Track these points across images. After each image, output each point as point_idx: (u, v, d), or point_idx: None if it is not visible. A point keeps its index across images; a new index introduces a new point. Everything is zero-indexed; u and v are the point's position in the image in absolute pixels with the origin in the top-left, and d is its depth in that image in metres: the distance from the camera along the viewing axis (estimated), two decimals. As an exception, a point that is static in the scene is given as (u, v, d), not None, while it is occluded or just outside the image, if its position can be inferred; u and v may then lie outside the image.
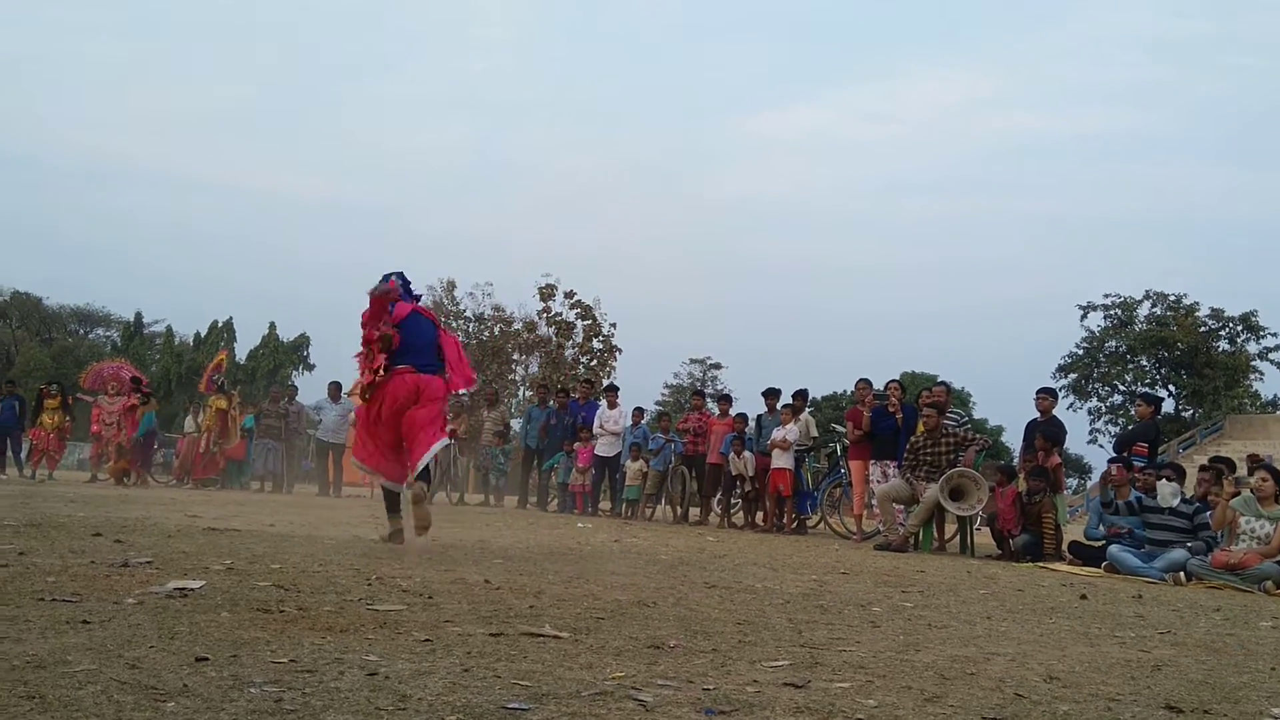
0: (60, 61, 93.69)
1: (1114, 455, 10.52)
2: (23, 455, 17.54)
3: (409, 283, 7.15)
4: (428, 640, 3.23)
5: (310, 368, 57.47)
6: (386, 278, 6.99)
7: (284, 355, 56.53)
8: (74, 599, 3.63)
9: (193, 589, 3.99)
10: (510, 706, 2.44)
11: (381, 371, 6.66)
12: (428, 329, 7.00)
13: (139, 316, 59.31)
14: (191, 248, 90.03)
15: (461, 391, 7.46)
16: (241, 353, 55.47)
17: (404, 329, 6.80)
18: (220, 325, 57.22)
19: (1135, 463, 9.74)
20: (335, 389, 17.34)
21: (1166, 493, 8.84)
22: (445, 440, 7.07)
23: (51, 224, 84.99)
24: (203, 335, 56.72)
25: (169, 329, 58.29)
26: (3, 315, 57.38)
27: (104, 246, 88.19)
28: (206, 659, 2.76)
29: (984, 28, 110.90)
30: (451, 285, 37.64)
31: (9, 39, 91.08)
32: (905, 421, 11.24)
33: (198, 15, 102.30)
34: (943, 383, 12.15)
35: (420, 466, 6.65)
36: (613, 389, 15.93)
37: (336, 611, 3.70)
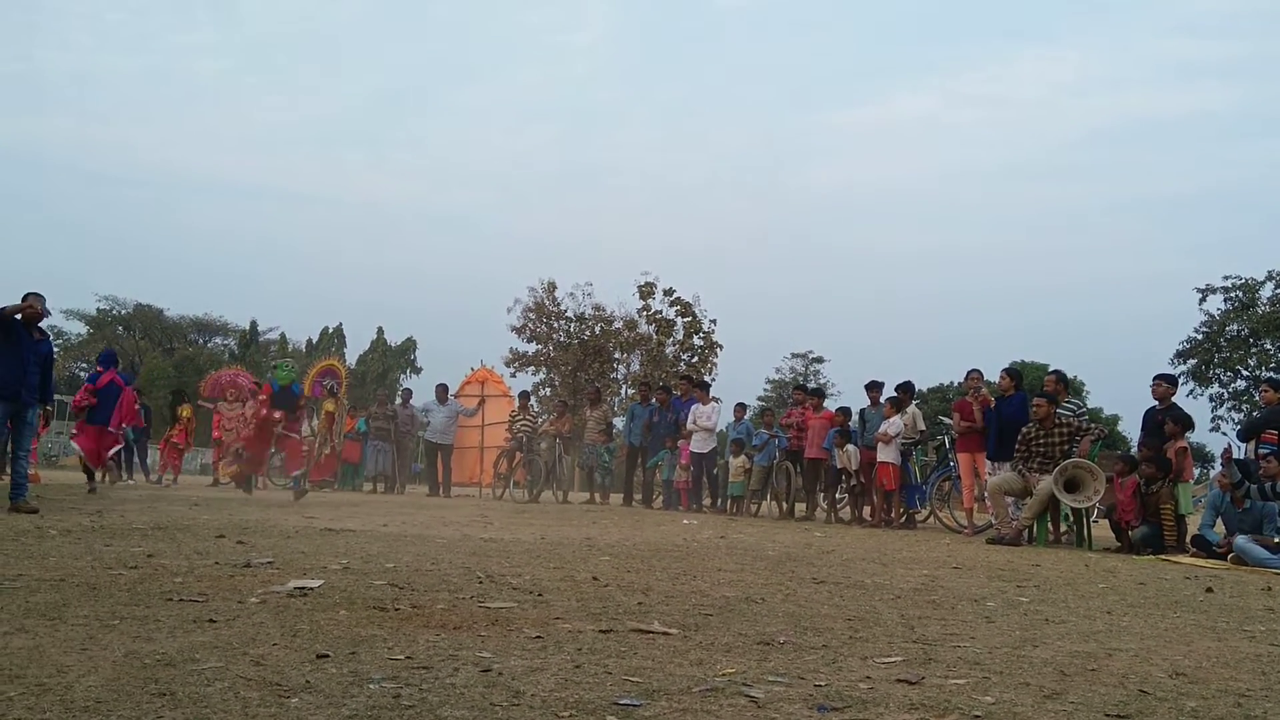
0: (157, 81, 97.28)
1: (1244, 442, 10.16)
2: (149, 461, 18.28)
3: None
4: (539, 637, 3.27)
5: (418, 370, 58.71)
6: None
7: (392, 359, 57.83)
8: (200, 599, 3.76)
9: (312, 588, 4.10)
10: (622, 703, 2.46)
11: None
12: None
13: (254, 325, 61.25)
14: (303, 259, 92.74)
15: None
16: (352, 357, 56.90)
17: None
18: (331, 331, 58.78)
19: (1263, 450, 9.36)
20: (442, 391, 17.66)
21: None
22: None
23: (165, 240, 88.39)
24: (314, 341, 58.30)
25: (282, 336, 60.09)
26: (127, 327, 59.78)
27: (216, 260, 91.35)
28: (327, 656, 2.84)
29: (1075, 12, 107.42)
30: (552, 286, 37.99)
31: (114, 62, 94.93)
32: (1013, 410, 10.97)
33: (289, 32, 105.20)
34: (1055, 371, 11.80)
35: None
36: (703, 385, 15.92)
37: (449, 609, 3.76)
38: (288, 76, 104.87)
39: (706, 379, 27.00)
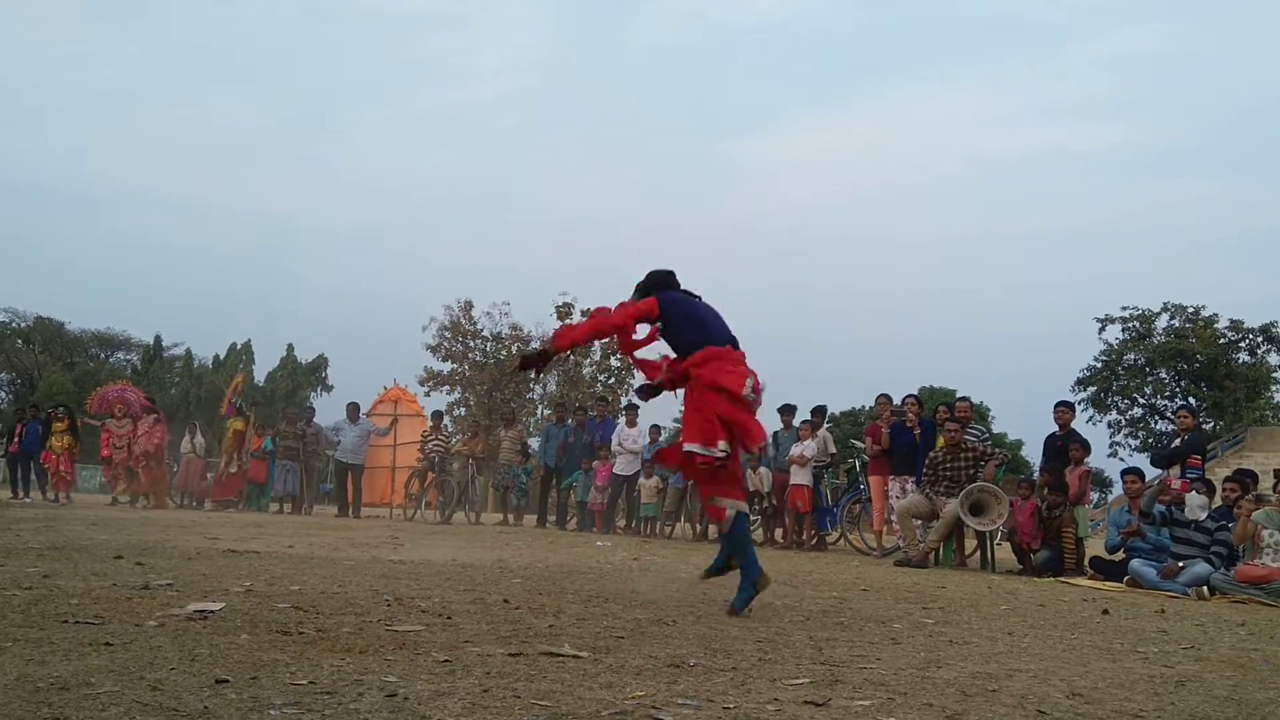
0: (69, 91, 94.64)
1: (1161, 468, 10.37)
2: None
3: None
4: (447, 661, 3.24)
5: (329, 389, 57.70)
6: None
7: (302, 376, 56.76)
8: (96, 621, 3.65)
9: (213, 611, 4.01)
10: (530, 727, 2.44)
11: None
12: None
13: (158, 340, 59.68)
14: (210, 272, 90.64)
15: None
16: (260, 374, 55.73)
17: None
18: (239, 347, 57.52)
19: (1191, 475, 9.59)
20: (354, 410, 17.40)
21: (1195, 505, 8.76)
22: None
23: (70, 251, 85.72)
24: (222, 358, 57.01)
25: (188, 352, 58.62)
26: (26, 340, 57.81)
27: (122, 272, 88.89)
28: (227, 681, 2.77)
29: (997, 47, 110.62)
30: (469, 305, 37.78)
31: (20, 70, 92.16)
32: (924, 437, 11.21)
33: (213, 45, 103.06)
34: (964, 398, 12.09)
35: None
36: (632, 408, 15.93)
37: (355, 633, 3.71)
38: (194, 90, 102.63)
39: (624, 401, 27.04)
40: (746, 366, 5.04)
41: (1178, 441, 10.49)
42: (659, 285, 5.29)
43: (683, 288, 5.37)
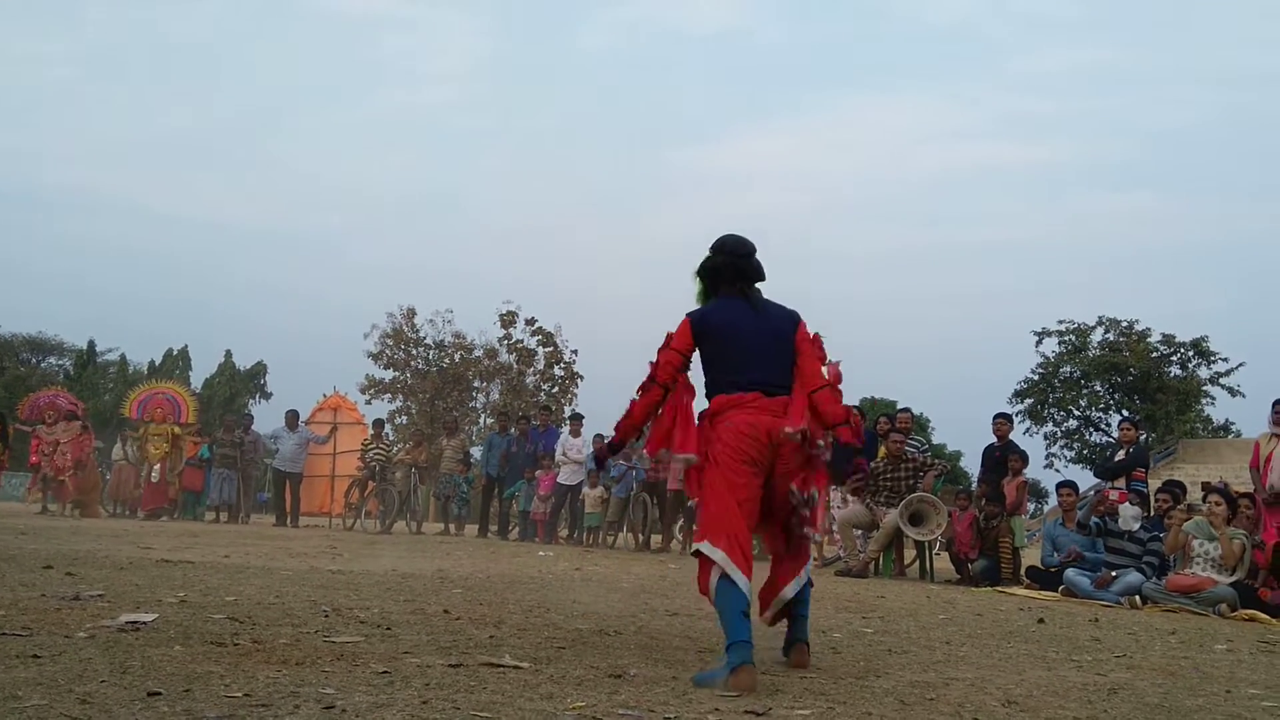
0: (7, 90, 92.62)
1: (1107, 480, 10.49)
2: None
3: None
4: (385, 672, 3.20)
5: (268, 396, 56.82)
6: None
7: (241, 383, 55.88)
8: (24, 633, 3.56)
9: (145, 622, 3.92)
10: (469, 738, 2.42)
11: None
12: None
13: (92, 345, 58.35)
14: (147, 276, 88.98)
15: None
16: (197, 381, 54.80)
17: None
18: (175, 353, 56.51)
19: (1139, 488, 9.72)
20: (293, 418, 17.17)
21: (1128, 515, 8.91)
22: None
23: (2, 252, 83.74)
24: (158, 363, 55.97)
25: (123, 357, 57.41)
26: (-48, 344, 56.34)
27: (56, 274, 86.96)
28: (159, 693, 2.72)
29: (940, 61, 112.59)
30: (411, 312, 37.52)
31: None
32: (865, 447, 11.31)
33: (148, 46, 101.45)
34: (905, 409, 12.23)
35: None
36: (577, 417, 15.90)
37: (292, 644, 3.65)
38: (136, 90, 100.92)
39: (568, 410, 26.97)
40: (770, 416, 3.84)
41: (1122, 453, 10.63)
42: (714, 275, 4.15)
43: (754, 271, 4.15)
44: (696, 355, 4.05)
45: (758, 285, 4.14)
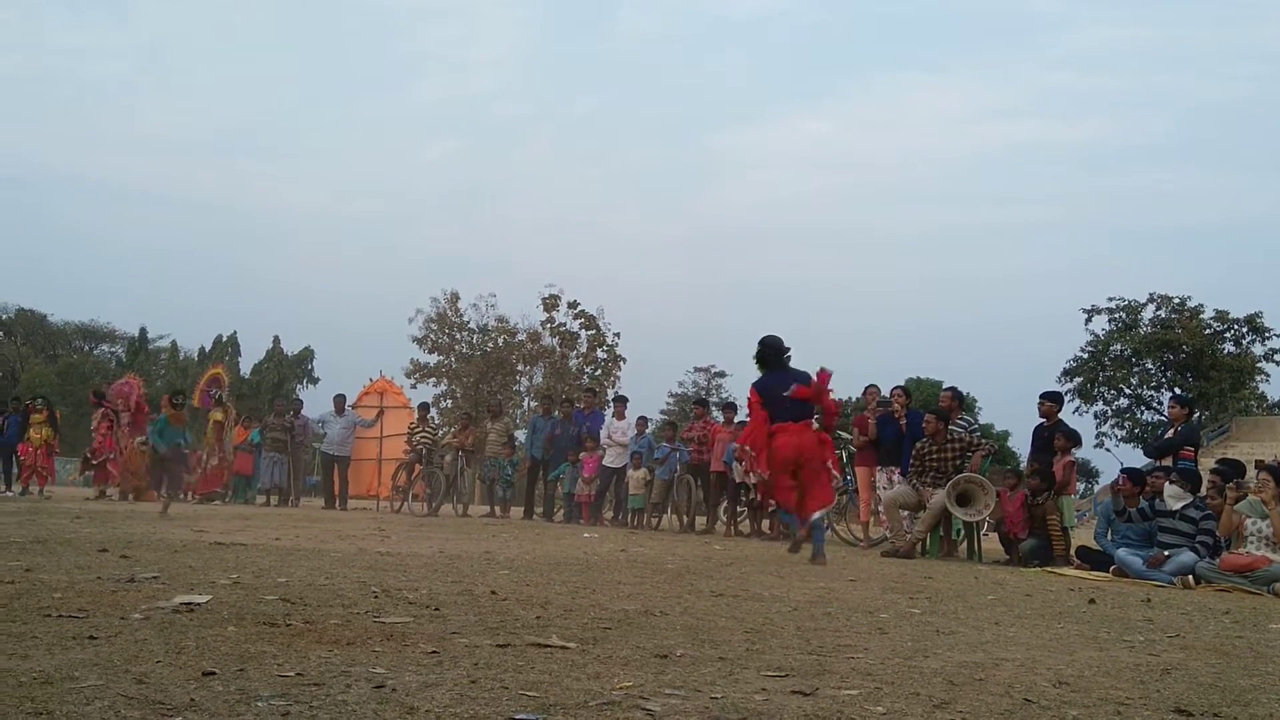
0: (55, 82, 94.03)
1: (1155, 459, 10.34)
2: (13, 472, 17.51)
3: None
4: (434, 652, 3.23)
5: (315, 381, 57.54)
6: None
7: (288, 369, 56.59)
8: (80, 615, 3.63)
9: (199, 603, 3.98)
10: (518, 718, 2.44)
11: None
12: None
13: (143, 332, 59.41)
14: (197, 265, 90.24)
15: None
16: (246, 367, 55.54)
17: None
18: (225, 340, 57.29)
19: (1184, 466, 9.56)
20: (340, 402, 17.35)
21: (1170, 495, 8.80)
22: None
23: (55, 243, 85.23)
24: (207, 350, 56.79)
25: (174, 344, 58.47)
26: (8, 332, 57.45)
27: (108, 265, 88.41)
28: (213, 673, 2.76)
29: (984, 38, 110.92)
30: (455, 297, 37.74)
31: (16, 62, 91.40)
32: (910, 427, 11.22)
33: (200, 37, 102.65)
34: (950, 388, 12.11)
35: None
36: (621, 400, 15.93)
37: (343, 624, 3.69)
38: (186, 83, 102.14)
39: (612, 392, 26.99)
40: (793, 436, 8.24)
41: (1171, 432, 10.48)
42: (762, 360, 8.54)
43: (783, 352, 8.53)
44: None
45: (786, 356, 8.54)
